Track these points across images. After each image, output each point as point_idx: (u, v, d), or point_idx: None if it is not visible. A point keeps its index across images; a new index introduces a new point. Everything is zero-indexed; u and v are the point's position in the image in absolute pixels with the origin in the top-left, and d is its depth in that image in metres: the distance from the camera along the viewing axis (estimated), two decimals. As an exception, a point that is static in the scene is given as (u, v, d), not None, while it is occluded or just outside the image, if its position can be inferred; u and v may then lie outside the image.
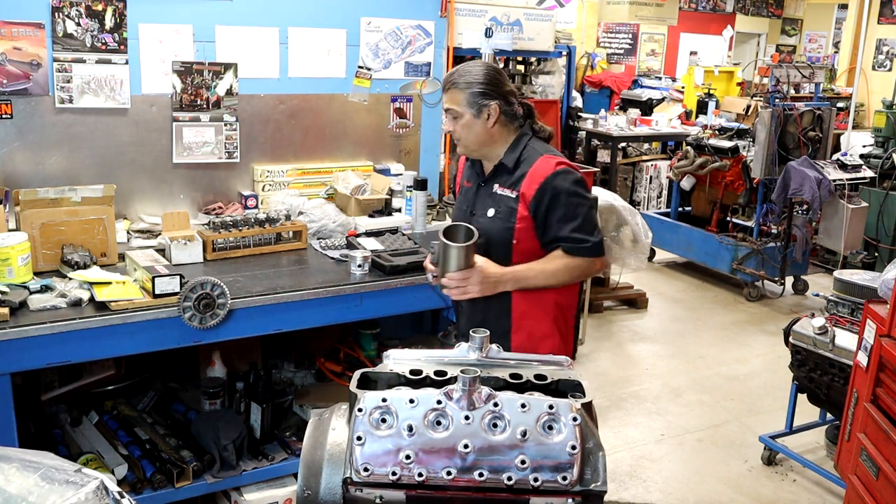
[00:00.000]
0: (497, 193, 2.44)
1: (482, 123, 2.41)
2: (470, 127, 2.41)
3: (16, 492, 1.14)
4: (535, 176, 2.37)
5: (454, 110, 2.41)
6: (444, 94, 2.43)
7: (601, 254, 2.46)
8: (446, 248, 2.31)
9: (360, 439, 1.39)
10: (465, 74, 2.40)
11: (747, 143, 6.41)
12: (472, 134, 2.42)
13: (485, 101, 2.39)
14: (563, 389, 1.58)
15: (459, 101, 2.39)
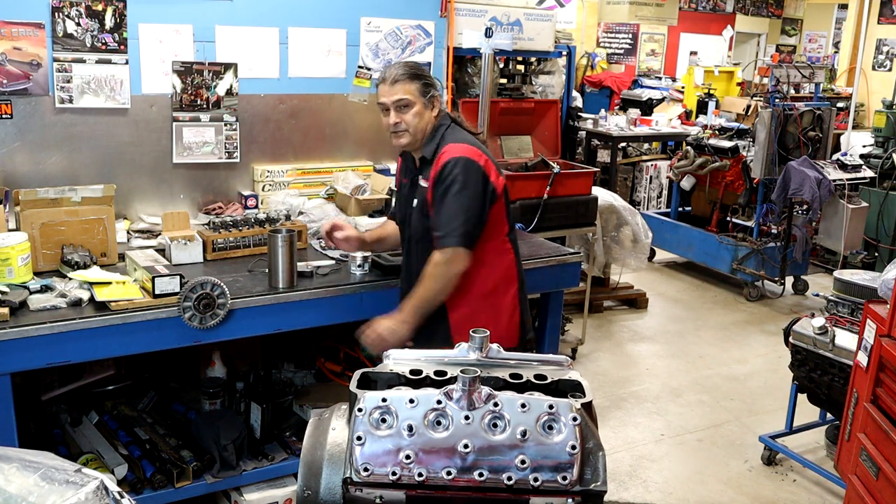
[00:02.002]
0: (420, 185, 2.59)
1: (429, 113, 2.54)
2: (421, 116, 2.52)
3: (16, 492, 1.14)
4: (437, 165, 2.50)
5: (406, 99, 2.50)
6: (390, 87, 2.50)
7: (453, 245, 2.44)
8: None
9: (360, 439, 1.39)
10: (408, 67, 2.55)
11: (747, 143, 6.41)
12: (423, 123, 2.53)
13: (431, 91, 2.55)
14: (563, 389, 1.58)
15: (412, 91, 2.50)
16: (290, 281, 2.76)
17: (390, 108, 2.52)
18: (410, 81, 2.50)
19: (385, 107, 2.53)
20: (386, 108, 2.53)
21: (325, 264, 2.97)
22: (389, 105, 2.52)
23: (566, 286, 3.44)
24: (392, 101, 2.51)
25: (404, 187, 2.70)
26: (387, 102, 2.52)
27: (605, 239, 5.32)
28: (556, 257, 3.29)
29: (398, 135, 2.55)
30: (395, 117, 2.52)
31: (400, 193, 2.74)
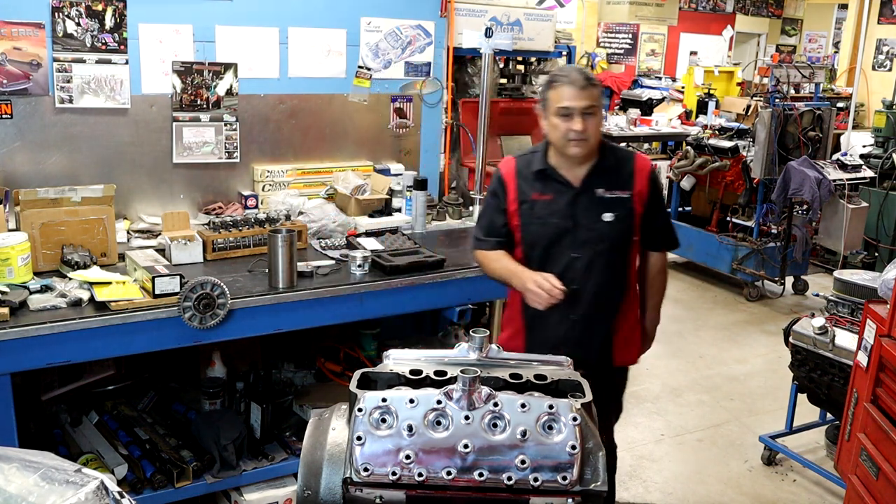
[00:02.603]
0: (607, 197, 2.47)
1: (602, 122, 2.50)
2: (598, 125, 2.44)
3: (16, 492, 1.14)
4: (643, 171, 2.52)
5: (594, 107, 2.41)
6: (579, 91, 2.37)
7: (672, 249, 2.75)
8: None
9: (360, 439, 1.39)
10: (587, 72, 2.47)
11: (747, 143, 6.40)
12: (599, 132, 2.46)
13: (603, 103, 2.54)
14: (563, 389, 1.58)
15: (597, 98, 2.42)
16: (290, 281, 2.76)
17: (574, 114, 2.38)
18: (594, 87, 2.42)
19: (567, 112, 2.38)
20: (567, 114, 2.38)
21: (325, 264, 2.97)
22: (576, 111, 2.38)
23: (566, 286, 3.42)
24: (581, 106, 2.37)
25: (552, 204, 2.49)
26: (574, 108, 2.37)
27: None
28: (556, 257, 3.29)
29: (578, 143, 2.40)
30: (580, 124, 2.37)
31: (551, 211, 2.50)
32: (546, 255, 2.52)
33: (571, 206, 2.48)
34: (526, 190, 2.52)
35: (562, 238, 2.49)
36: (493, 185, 2.60)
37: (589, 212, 2.48)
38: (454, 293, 3.10)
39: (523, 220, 2.52)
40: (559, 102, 2.39)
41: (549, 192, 2.50)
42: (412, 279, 2.96)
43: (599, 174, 2.49)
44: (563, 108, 2.38)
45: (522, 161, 2.58)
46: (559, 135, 2.41)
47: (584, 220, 2.48)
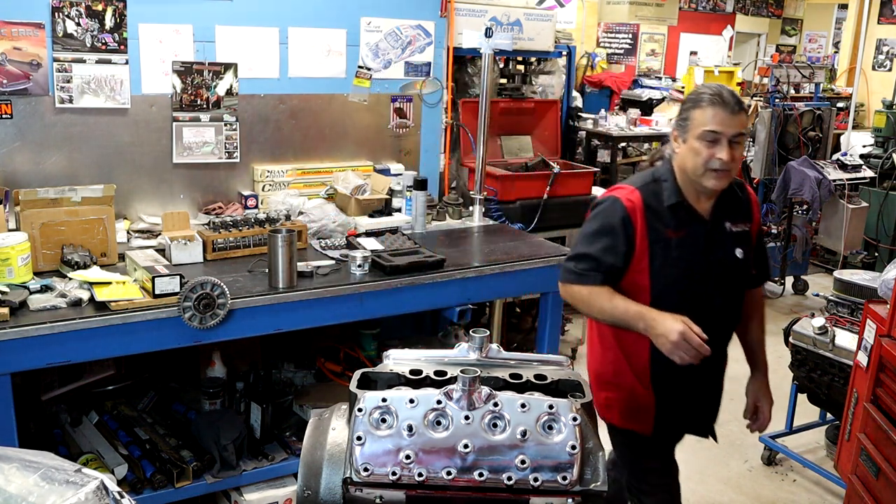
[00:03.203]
0: (732, 231, 2.27)
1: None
2: (742, 156, 2.42)
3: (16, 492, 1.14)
4: (755, 202, 2.38)
5: (743, 136, 2.16)
6: (731, 116, 2.10)
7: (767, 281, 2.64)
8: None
9: (360, 439, 1.39)
10: (735, 93, 2.17)
11: (747, 143, 6.41)
12: (741, 160, 2.32)
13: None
14: (563, 389, 1.58)
15: (745, 125, 2.18)
16: (290, 281, 2.76)
17: (721, 141, 2.10)
18: (744, 113, 2.15)
19: (714, 137, 2.10)
20: (713, 140, 2.10)
21: (325, 264, 2.97)
22: (724, 136, 2.10)
23: (566, 286, 3.42)
24: (731, 133, 2.10)
25: (686, 241, 2.21)
26: (723, 133, 2.10)
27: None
28: (556, 257, 3.29)
29: (720, 175, 2.13)
30: (726, 153, 2.09)
31: (684, 250, 2.22)
32: (680, 299, 2.19)
33: (706, 242, 2.23)
34: (658, 227, 2.19)
35: (696, 279, 2.22)
36: (611, 219, 2.20)
37: (722, 248, 2.26)
38: (454, 293, 3.10)
39: (656, 263, 2.20)
40: (705, 125, 2.10)
41: (683, 228, 2.21)
42: (412, 279, 2.96)
43: (723, 206, 2.27)
44: (710, 131, 2.09)
45: (648, 192, 2.22)
46: (698, 162, 2.11)
47: (717, 257, 2.25)
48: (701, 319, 2.09)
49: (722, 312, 2.29)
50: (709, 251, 2.23)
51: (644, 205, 2.20)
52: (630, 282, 2.21)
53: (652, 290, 2.21)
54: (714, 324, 2.17)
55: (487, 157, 3.96)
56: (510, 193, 4.43)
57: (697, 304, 2.19)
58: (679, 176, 2.22)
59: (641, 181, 2.27)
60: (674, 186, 2.21)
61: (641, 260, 2.19)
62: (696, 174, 2.14)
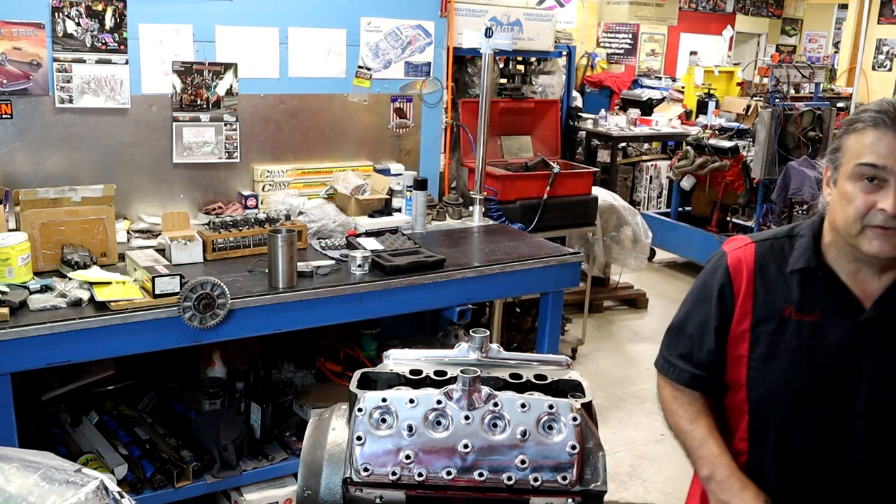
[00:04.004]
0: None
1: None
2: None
3: (16, 492, 1.14)
4: None
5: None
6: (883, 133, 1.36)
7: None
8: None
9: (360, 439, 1.39)
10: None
11: (747, 143, 6.41)
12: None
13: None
14: (563, 389, 1.58)
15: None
16: (290, 281, 2.76)
17: (890, 182, 1.36)
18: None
19: (875, 174, 1.38)
20: (876, 179, 1.38)
21: (325, 264, 2.97)
22: (894, 175, 1.36)
23: (566, 286, 3.44)
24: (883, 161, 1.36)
25: (817, 331, 1.47)
26: (891, 170, 1.36)
27: (605, 239, 5.32)
28: (556, 257, 3.29)
29: (888, 234, 1.37)
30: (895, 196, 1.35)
31: (807, 344, 1.48)
32: (792, 427, 1.48)
33: (855, 340, 1.44)
34: (772, 300, 1.51)
35: (829, 397, 1.44)
36: (710, 281, 1.59)
37: (887, 356, 1.43)
38: (454, 293, 3.10)
39: (758, 353, 1.50)
40: (860, 157, 1.38)
41: (815, 309, 1.47)
42: (412, 279, 2.96)
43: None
44: (868, 165, 1.37)
45: (771, 249, 1.55)
46: (850, 214, 1.38)
47: (875, 369, 1.43)
48: (822, 481, 1.43)
49: (865, 480, 1.44)
50: (858, 356, 1.43)
51: (757, 265, 1.54)
52: (729, 379, 1.55)
53: (749, 398, 1.52)
54: (845, 497, 1.44)
55: (487, 157, 3.96)
56: (510, 193, 4.43)
57: (821, 441, 1.45)
58: (828, 235, 1.50)
59: (769, 234, 1.60)
60: (811, 246, 1.49)
61: (739, 344, 1.52)
62: (849, 232, 1.39)
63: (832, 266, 1.48)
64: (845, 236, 1.42)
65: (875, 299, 1.44)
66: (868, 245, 1.38)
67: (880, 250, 1.37)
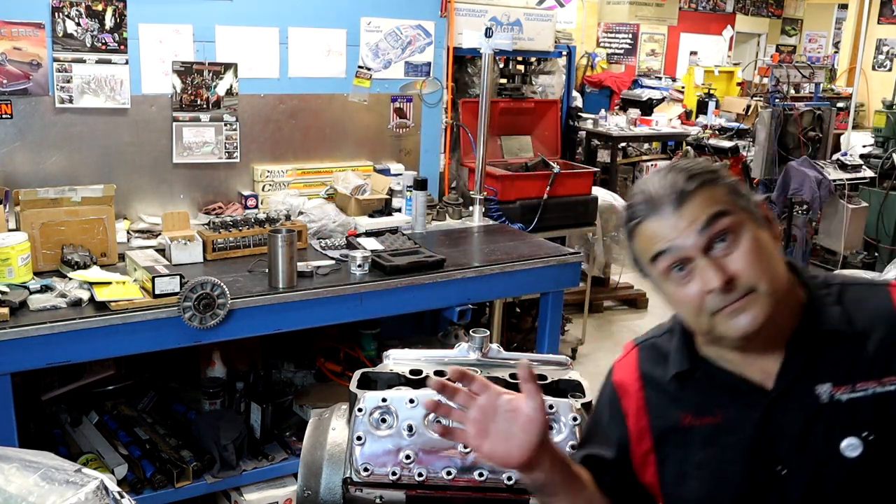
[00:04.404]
0: (843, 401, 1.16)
1: (771, 240, 1.19)
2: (758, 253, 1.15)
3: (16, 492, 1.14)
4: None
5: (728, 218, 1.15)
6: (685, 209, 1.16)
7: None
8: None
9: (360, 439, 1.39)
10: (703, 166, 1.22)
11: (747, 143, 6.41)
12: (771, 265, 1.16)
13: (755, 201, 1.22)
14: (563, 389, 1.58)
15: (726, 198, 1.17)
16: (290, 281, 2.76)
17: (694, 261, 1.16)
18: (709, 184, 1.18)
19: (675, 261, 1.17)
20: (678, 262, 1.17)
21: (325, 264, 2.97)
22: (692, 251, 1.16)
23: (566, 286, 3.44)
24: (697, 242, 1.15)
25: (721, 431, 1.24)
26: (683, 247, 1.16)
27: (605, 239, 5.32)
28: (556, 257, 3.29)
29: (735, 309, 1.14)
30: (714, 272, 1.14)
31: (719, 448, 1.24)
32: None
33: (765, 429, 1.20)
34: (667, 411, 1.29)
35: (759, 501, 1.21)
36: (600, 400, 1.40)
37: (809, 439, 1.17)
38: (454, 293, 3.10)
39: (668, 472, 1.29)
40: (651, 250, 1.19)
41: (715, 409, 1.25)
42: (412, 279, 2.96)
43: (815, 353, 1.19)
44: (664, 253, 1.18)
45: (650, 352, 1.37)
46: (691, 313, 1.19)
47: (798, 458, 1.18)
48: None
49: None
50: (776, 445, 1.19)
51: (643, 374, 1.34)
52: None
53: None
54: None
55: (487, 157, 3.96)
56: (510, 193, 4.42)
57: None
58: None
59: (652, 333, 1.42)
60: (682, 344, 1.29)
61: (646, 469, 1.31)
62: (703, 330, 1.19)
63: (715, 359, 1.24)
64: (706, 333, 1.20)
65: (776, 377, 1.18)
66: (728, 329, 1.15)
67: (744, 328, 1.13)
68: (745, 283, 1.13)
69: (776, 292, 1.15)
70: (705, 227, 1.15)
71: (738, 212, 1.16)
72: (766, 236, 1.18)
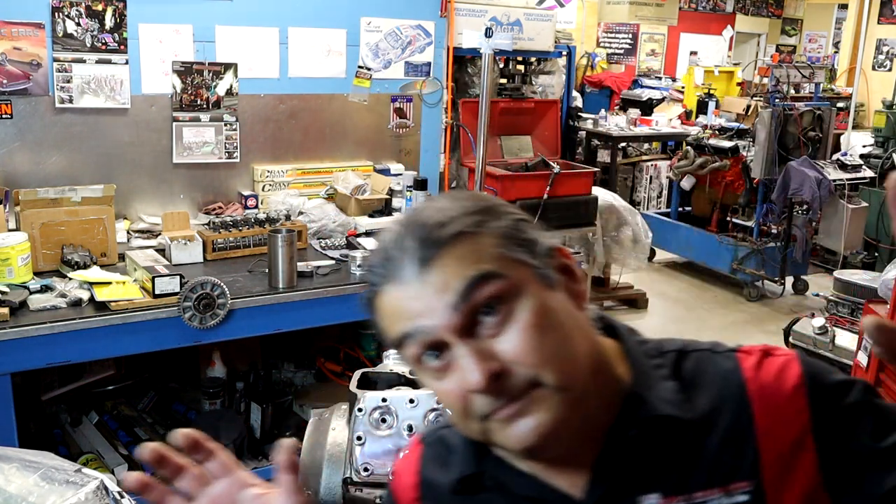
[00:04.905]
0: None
1: (576, 304, 0.84)
2: (552, 322, 0.79)
3: (16, 492, 1.14)
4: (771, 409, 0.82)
5: (494, 278, 0.78)
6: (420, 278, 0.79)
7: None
8: None
9: (360, 439, 1.39)
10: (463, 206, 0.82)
11: (747, 143, 6.41)
12: (570, 339, 0.80)
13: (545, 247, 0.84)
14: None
15: (495, 254, 0.79)
16: (290, 281, 2.76)
17: (447, 340, 0.78)
18: (472, 236, 0.80)
19: (425, 345, 0.80)
20: (430, 347, 0.80)
21: (325, 264, 2.97)
22: (435, 329, 0.78)
23: (566, 286, 3.43)
24: (444, 301, 0.77)
25: None
26: (423, 326, 0.79)
27: (605, 239, 5.32)
28: (556, 257, 3.29)
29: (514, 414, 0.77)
30: (472, 358, 0.76)
31: None
32: None
33: None
34: None
35: None
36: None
37: None
38: (454, 293, 3.09)
39: None
40: (393, 328, 0.84)
41: None
42: (412, 279, 2.96)
43: (639, 452, 0.83)
44: (410, 338, 0.81)
45: (434, 453, 0.99)
46: (455, 413, 0.83)
47: None
48: None
49: None
50: None
51: (421, 483, 0.98)
52: None
53: None
54: None
55: (487, 157, 3.96)
56: (510, 193, 4.42)
57: None
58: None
59: (442, 425, 1.03)
60: (466, 443, 0.90)
61: None
62: (477, 436, 0.83)
63: (510, 460, 0.86)
64: (482, 438, 0.82)
65: (586, 488, 0.83)
66: (507, 440, 0.79)
67: (526, 439, 0.78)
68: (522, 377, 0.76)
69: (574, 382, 0.77)
70: (462, 299, 0.76)
71: (513, 270, 0.78)
72: (558, 300, 0.80)
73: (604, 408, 0.82)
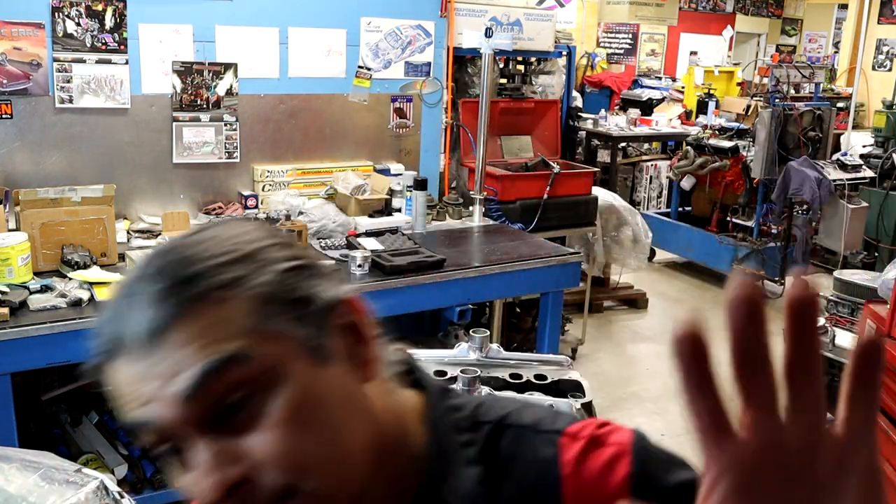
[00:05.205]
0: None
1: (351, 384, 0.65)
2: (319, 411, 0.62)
3: (16, 492, 1.14)
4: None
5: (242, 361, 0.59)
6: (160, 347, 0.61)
7: None
8: None
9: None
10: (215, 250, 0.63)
11: (747, 143, 6.41)
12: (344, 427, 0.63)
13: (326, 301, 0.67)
14: (564, 389, 1.59)
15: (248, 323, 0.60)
16: (290, 281, 2.75)
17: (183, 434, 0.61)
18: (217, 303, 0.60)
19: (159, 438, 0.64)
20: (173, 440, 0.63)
21: (325, 264, 2.97)
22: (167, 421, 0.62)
23: (566, 286, 3.44)
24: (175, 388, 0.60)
25: None
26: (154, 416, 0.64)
27: (605, 239, 5.32)
28: (556, 257, 3.29)
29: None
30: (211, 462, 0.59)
31: None
32: None
33: None
34: None
35: None
36: None
37: None
38: (454, 293, 3.10)
39: None
40: (125, 412, 0.70)
41: None
42: (412, 279, 2.96)
43: None
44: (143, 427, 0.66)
45: None
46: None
47: None
48: None
49: None
50: None
51: None
52: None
53: None
54: None
55: (487, 157, 3.96)
56: (510, 193, 4.42)
57: None
58: None
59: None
60: None
61: None
62: None
63: None
64: None
65: None
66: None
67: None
68: (272, 485, 0.60)
69: (343, 484, 0.63)
70: (197, 389, 0.59)
71: (269, 347, 0.61)
72: (330, 378, 0.63)
73: (396, 497, 0.68)
